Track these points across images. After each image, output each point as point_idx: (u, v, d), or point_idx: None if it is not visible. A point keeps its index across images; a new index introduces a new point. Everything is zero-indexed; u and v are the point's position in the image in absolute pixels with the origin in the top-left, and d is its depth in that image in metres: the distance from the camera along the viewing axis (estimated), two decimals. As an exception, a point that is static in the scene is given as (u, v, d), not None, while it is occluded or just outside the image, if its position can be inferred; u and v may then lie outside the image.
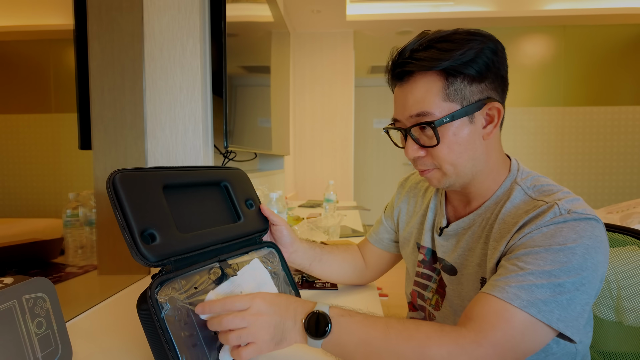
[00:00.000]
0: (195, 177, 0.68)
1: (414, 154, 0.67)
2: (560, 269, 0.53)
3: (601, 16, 3.88)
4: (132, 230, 0.52)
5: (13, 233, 1.02)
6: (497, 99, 0.65)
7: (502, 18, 3.90)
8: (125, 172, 0.55)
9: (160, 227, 0.55)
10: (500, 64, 0.65)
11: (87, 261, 1.13)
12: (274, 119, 2.18)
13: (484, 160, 0.66)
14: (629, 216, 1.93)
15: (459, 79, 0.62)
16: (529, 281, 0.53)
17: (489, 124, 0.65)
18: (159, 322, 0.50)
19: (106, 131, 1.04)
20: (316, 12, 3.49)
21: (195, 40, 1.07)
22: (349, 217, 2.05)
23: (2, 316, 0.46)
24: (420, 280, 0.80)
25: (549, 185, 0.65)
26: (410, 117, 0.65)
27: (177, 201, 0.62)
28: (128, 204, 0.53)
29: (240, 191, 0.75)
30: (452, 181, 0.68)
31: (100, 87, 1.04)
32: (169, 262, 0.55)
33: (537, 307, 0.51)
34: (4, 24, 1.00)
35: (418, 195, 0.86)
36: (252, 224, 0.73)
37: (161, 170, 0.62)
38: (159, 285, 0.52)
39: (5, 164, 1.01)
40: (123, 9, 1.04)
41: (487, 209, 0.69)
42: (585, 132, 4.21)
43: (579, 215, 0.56)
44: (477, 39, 0.62)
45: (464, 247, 0.70)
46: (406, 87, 0.65)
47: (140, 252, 0.52)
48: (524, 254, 0.56)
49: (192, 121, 1.09)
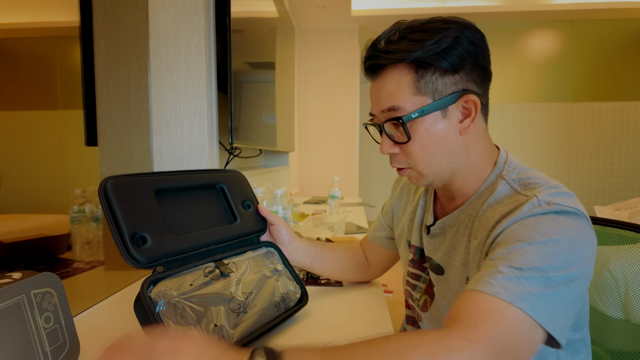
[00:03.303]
0: (189, 181, 0.69)
1: (388, 150, 0.64)
2: (548, 265, 0.48)
3: (610, 10, 3.82)
4: (122, 234, 0.54)
5: (21, 229, 1.03)
6: (474, 91, 0.61)
7: (510, 13, 3.85)
8: (116, 179, 0.57)
9: (152, 230, 0.57)
10: (479, 53, 0.60)
11: (94, 257, 1.14)
12: (279, 115, 2.18)
13: (463, 156, 0.63)
14: (638, 213, 1.91)
15: (430, 71, 0.58)
16: (517, 274, 0.47)
17: (466, 117, 0.61)
18: (154, 317, 0.51)
19: (112, 128, 1.05)
20: (321, 8, 3.47)
21: (200, 36, 1.07)
22: (354, 214, 2.05)
23: (11, 311, 0.47)
24: (410, 280, 0.79)
25: (536, 178, 0.60)
26: (382, 112, 0.63)
27: (170, 205, 0.64)
28: (119, 208, 0.55)
29: (237, 193, 0.76)
30: (431, 180, 0.65)
31: (106, 83, 1.04)
32: (161, 264, 0.57)
33: (529, 302, 0.46)
34: (10, 21, 1.00)
35: (410, 193, 0.84)
36: (249, 225, 0.75)
37: (154, 175, 0.64)
38: (150, 284, 0.54)
39: (12, 160, 1.02)
40: (128, 5, 1.04)
41: (470, 204, 0.65)
42: (593, 127, 4.16)
43: (559, 208, 0.52)
44: (452, 27, 0.58)
45: (449, 245, 0.68)
46: (379, 81, 0.63)
47: (130, 255, 0.54)
48: (506, 252, 0.50)
49: (198, 117, 1.09)
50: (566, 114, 4.16)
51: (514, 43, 4.21)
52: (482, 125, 0.65)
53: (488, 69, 0.64)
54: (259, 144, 1.71)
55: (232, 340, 0.58)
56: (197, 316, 0.55)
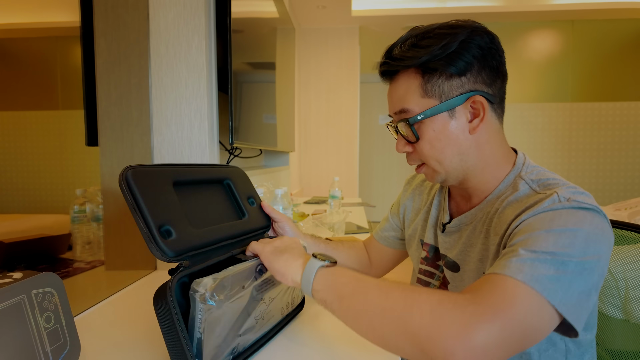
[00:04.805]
0: (201, 175, 0.68)
1: (402, 149, 0.69)
2: (563, 252, 0.49)
3: (610, 10, 3.82)
4: (149, 226, 0.52)
5: (22, 229, 1.03)
6: (483, 92, 0.63)
7: (510, 13, 3.85)
8: (137, 168, 0.55)
9: (175, 223, 0.55)
10: (488, 55, 0.63)
11: (95, 257, 1.15)
12: (279, 115, 2.18)
13: (475, 154, 0.65)
14: (638, 213, 1.91)
15: (436, 74, 0.62)
16: (532, 256, 0.49)
17: (475, 117, 0.63)
18: (178, 319, 0.49)
19: (113, 128, 1.05)
20: (321, 8, 3.47)
21: (200, 36, 1.07)
22: (354, 214, 2.05)
23: (12, 310, 0.47)
24: (422, 277, 0.80)
25: (555, 179, 0.62)
26: (395, 113, 0.67)
27: (187, 198, 0.62)
28: (143, 199, 0.52)
29: (242, 188, 0.76)
30: (444, 177, 0.67)
31: (106, 83, 1.05)
32: (187, 258, 0.55)
33: (542, 284, 0.47)
34: (11, 22, 1.01)
35: (424, 193, 0.86)
36: (256, 221, 0.74)
37: (169, 166, 0.62)
38: (182, 278, 0.52)
39: (13, 160, 1.02)
40: (129, 5, 1.04)
41: (488, 203, 0.67)
42: (593, 128, 4.16)
43: (578, 204, 0.54)
44: (457, 32, 0.61)
45: (465, 242, 0.69)
46: (392, 85, 0.68)
47: (159, 248, 0.51)
48: (523, 239, 0.52)
49: (198, 118, 1.09)
50: (566, 114, 4.16)
51: (514, 43, 4.21)
52: (495, 124, 0.67)
53: (500, 70, 0.65)
54: (259, 144, 1.71)
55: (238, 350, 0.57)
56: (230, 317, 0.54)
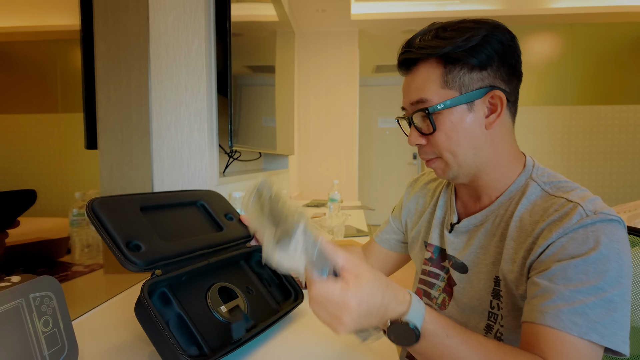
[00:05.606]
0: (170, 199, 0.73)
1: (415, 141, 0.67)
2: (604, 281, 0.51)
3: (609, 14, 3.84)
4: (116, 242, 0.56)
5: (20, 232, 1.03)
6: (501, 88, 0.63)
7: (509, 16, 3.87)
8: (102, 199, 0.60)
9: (143, 238, 0.59)
10: (508, 53, 0.63)
11: (93, 260, 1.14)
12: (279, 118, 2.18)
13: (489, 150, 0.65)
14: (637, 216, 1.91)
15: (458, 66, 0.61)
16: (579, 301, 0.50)
17: (492, 113, 0.64)
18: (157, 319, 0.52)
19: (112, 131, 1.05)
20: (321, 11, 3.48)
21: (200, 39, 1.07)
22: (353, 217, 2.05)
23: (10, 314, 0.46)
24: (426, 278, 0.79)
25: (566, 182, 0.63)
26: (411, 104, 0.66)
27: (156, 219, 0.66)
28: (109, 220, 0.57)
29: (218, 207, 0.80)
30: (456, 172, 0.66)
31: (106, 86, 1.05)
32: (159, 267, 0.58)
33: (598, 332, 0.49)
34: (10, 25, 1.01)
35: (427, 195, 0.85)
36: (235, 232, 0.77)
37: (137, 195, 0.67)
38: (150, 286, 0.56)
39: (12, 163, 1.02)
40: (129, 9, 1.04)
41: (500, 205, 0.67)
42: (592, 131, 4.16)
43: (605, 216, 0.54)
44: (482, 27, 0.61)
45: (476, 244, 0.69)
46: (410, 75, 0.67)
47: (127, 259, 0.55)
48: (561, 269, 0.53)
49: (197, 121, 1.09)
50: (565, 117, 4.17)
51: (513, 47, 4.21)
52: (509, 122, 0.67)
53: (517, 69, 0.65)
54: (258, 147, 1.71)
55: None
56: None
